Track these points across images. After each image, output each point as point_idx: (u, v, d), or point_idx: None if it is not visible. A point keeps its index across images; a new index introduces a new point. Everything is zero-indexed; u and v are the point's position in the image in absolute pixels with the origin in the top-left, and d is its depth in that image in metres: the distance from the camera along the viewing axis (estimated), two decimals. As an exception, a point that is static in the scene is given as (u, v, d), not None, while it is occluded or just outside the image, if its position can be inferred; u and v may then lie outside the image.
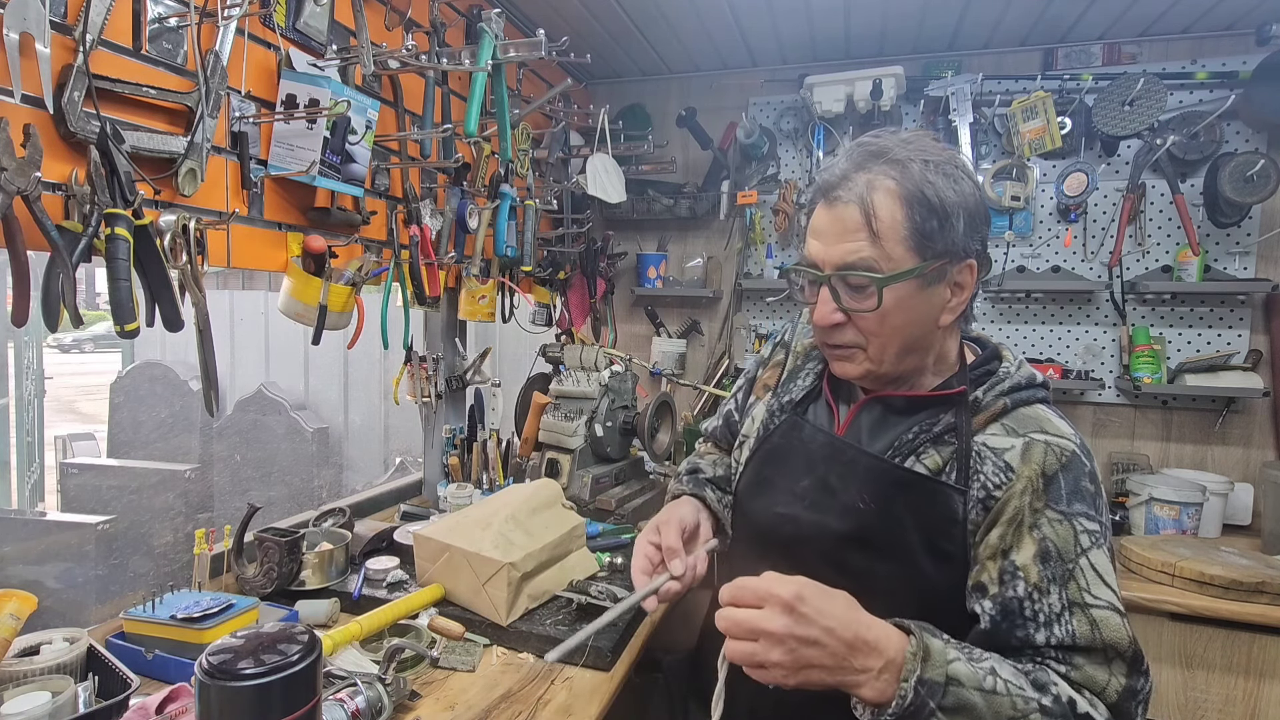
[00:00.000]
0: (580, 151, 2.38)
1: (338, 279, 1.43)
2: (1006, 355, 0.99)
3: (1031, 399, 0.94)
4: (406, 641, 1.11)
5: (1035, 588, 0.83)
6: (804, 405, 1.08)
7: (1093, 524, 0.84)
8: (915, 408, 0.97)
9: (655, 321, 2.77)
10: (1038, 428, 0.90)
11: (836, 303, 0.92)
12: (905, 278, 0.88)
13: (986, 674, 0.77)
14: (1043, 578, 0.83)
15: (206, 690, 0.73)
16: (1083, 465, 0.87)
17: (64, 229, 0.96)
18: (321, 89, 1.32)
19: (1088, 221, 2.32)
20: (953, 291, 0.93)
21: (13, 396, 4.08)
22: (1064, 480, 0.85)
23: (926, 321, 0.93)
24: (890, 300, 0.89)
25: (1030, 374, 0.97)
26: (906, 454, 0.93)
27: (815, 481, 0.99)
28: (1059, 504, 0.84)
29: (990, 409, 0.92)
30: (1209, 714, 1.65)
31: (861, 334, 0.93)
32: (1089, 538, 0.84)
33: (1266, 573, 1.62)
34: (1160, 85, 2.10)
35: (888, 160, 0.89)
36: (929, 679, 0.75)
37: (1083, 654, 0.81)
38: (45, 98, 0.96)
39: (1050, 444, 0.87)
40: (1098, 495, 0.87)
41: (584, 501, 1.91)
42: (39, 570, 2.95)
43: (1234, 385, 2.09)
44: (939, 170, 0.89)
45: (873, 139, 0.93)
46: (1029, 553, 0.84)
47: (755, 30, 2.31)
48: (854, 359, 0.95)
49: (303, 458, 5.29)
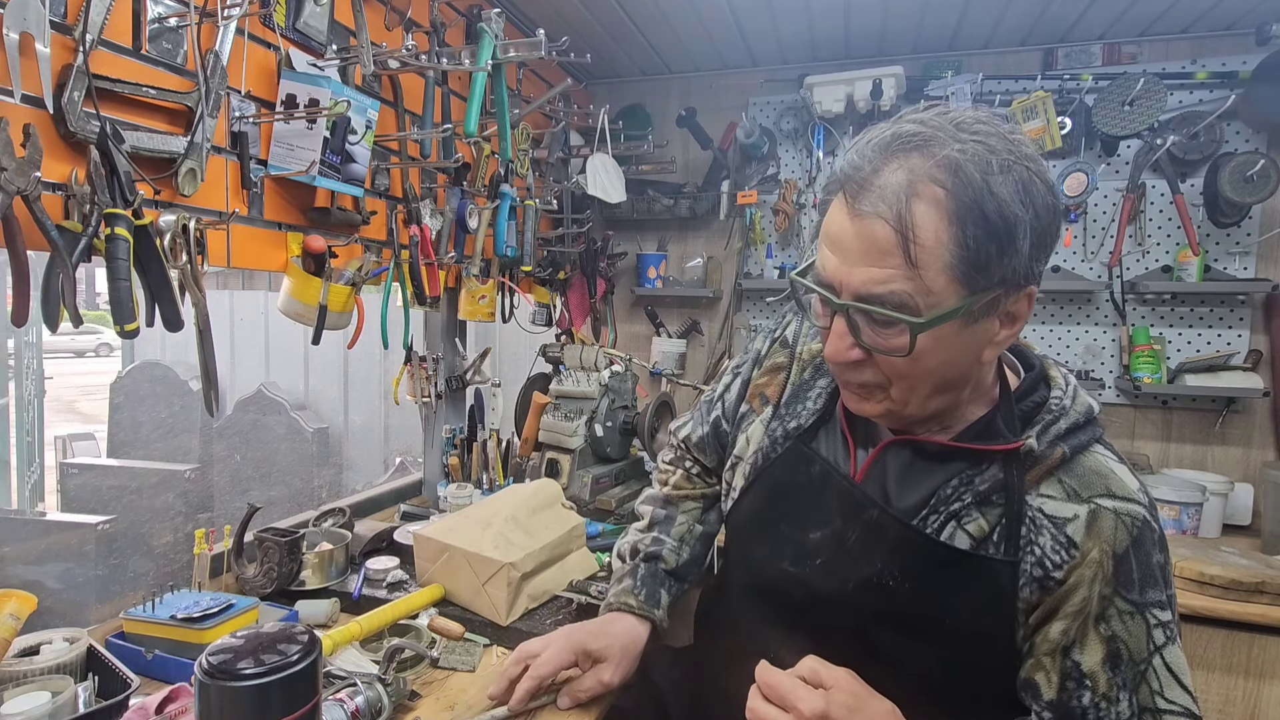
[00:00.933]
0: (580, 151, 2.38)
1: (338, 279, 1.43)
2: (1055, 377, 0.81)
3: (1090, 441, 0.78)
4: (406, 641, 1.11)
5: (1104, 697, 0.72)
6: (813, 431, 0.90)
7: (1165, 613, 0.73)
8: (952, 454, 0.79)
9: (655, 321, 2.77)
10: (1104, 489, 0.74)
11: (855, 337, 0.72)
12: (947, 319, 0.68)
13: None
14: (1112, 685, 0.72)
15: (206, 690, 0.72)
16: (1153, 533, 0.74)
17: (64, 229, 0.96)
18: (321, 89, 1.32)
19: (1088, 221, 2.32)
20: (1003, 323, 0.73)
21: (13, 396, 4.08)
22: (1135, 560, 0.72)
23: (967, 360, 0.74)
24: (925, 344, 0.69)
25: (1087, 406, 0.80)
26: (944, 518, 0.77)
27: (830, 538, 0.84)
28: (1130, 591, 0.72)
29: (1045, 461, 0.75)
30: (1209, 714, 1.65)
31: (884, 374, 0.75)
32: (1163, 632, 0.72)
33: (1266, 573, 1.61)
34: (1160, 85, 2.10)
35: (935, 157, 0.66)
36: None
37: None
38: (45, 98, 0.96)
39: (1119, 513, 0.73)
40: (1166, 566, 0.75)
41: (584, 501, 1.91)
42: (39, 570, 2.95)
43: (1234, 385, 2.09)
44: (1007, 172, 0.66)
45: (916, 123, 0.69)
46: (1096, 656, 0.72)
47: (755, 30, 2.31)
48: (873, 398, 0.78)
49: (303, 458, 5.30)
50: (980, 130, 0.68)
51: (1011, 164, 0.67)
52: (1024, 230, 0.67)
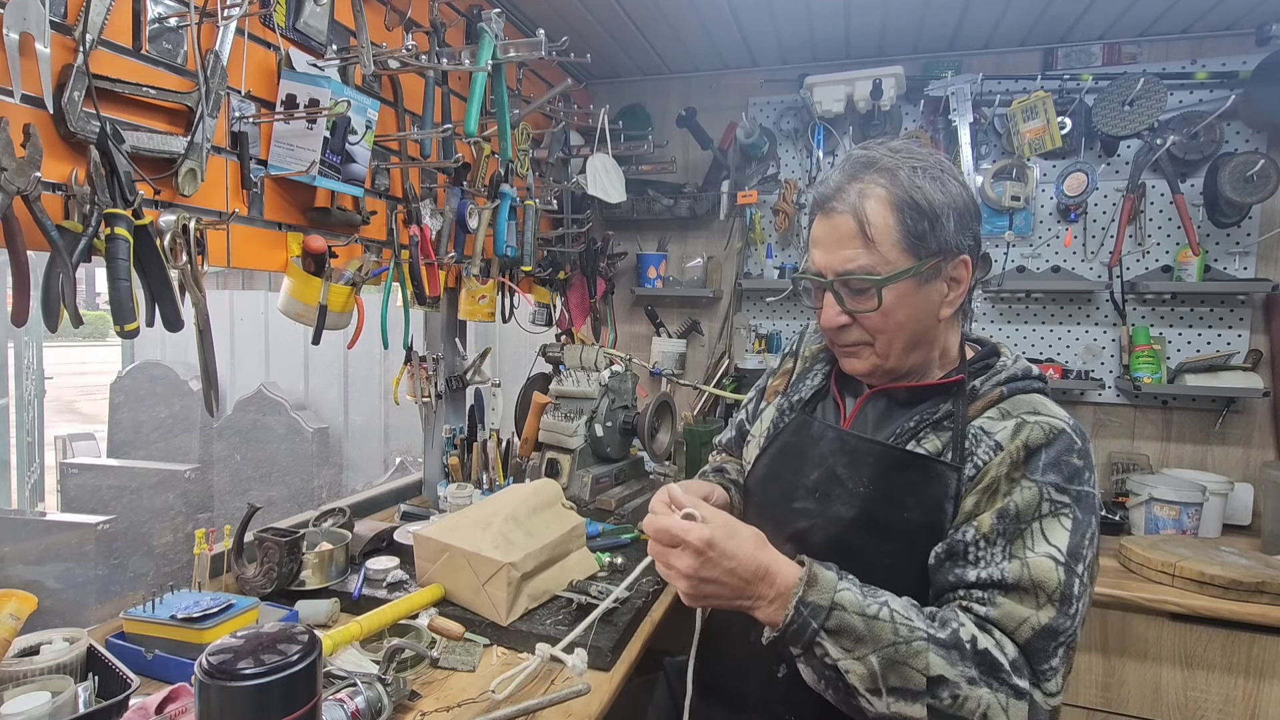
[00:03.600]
0: (580, 151, 2.38)
1: (338, 279, 1.43)
2: (1005, 351, 1.04)
3: (1028, 388, 0.98)
4: (406, 641, 1.11)
5: (984, 536, 0.87)
6: (813, 404, 1.14)
7: (1062, 495, 0.86)
8: (917, 398, 1.02)
9: (655, 321, 2.77)
10: (1030, 409, 0.93)
11: (840, 305, 0.98)
12: (901, 278, 0.94)
13: (874, 603, 0.83)
14: (994, 530, 0.87)
15: (206, 690, 0.73)
16: (1071, 442, 0.89)
17: (64, 229, 0.96)
18: (321, 89, 1.32)
19: (1088, 221, 2.32)
20: (949, 286, 0.98)
21: (13, 396, 4.08)
22: (1045, 453, 0.88)
23: (927, 316, 0.98)
24: (890, 299, 0.95)
25: (1026, 367, 1.01)
26: (908, 439, 0.98)
27: (825, 474, 1.04)
28: (1034, 473, 0.88)
29: (987, 396, 0.97)
30: (1209, 714, 1.65)
31: (867, 332, 0.98)
32: (1050, 505, 0.86)
33: (1266, 573, 1.62)
34: (1160, 85, 2.10)
35: (877, 169, 0.95)
36: (812, 601, 0.83)
37: (1007, 591, 0.84)
38: (45, 98, 0.96)
39: (1040, 423, 0.90)
40: (1084, 471, 0.88)
41: (584, 501, 1.91)
42: (39, 570, 2.95)
43: (1234, 385, 2.09)
44: (926, 174, 0.95)
45: (863, 151, 1.00)
46: (990, 510, 0.88)
47: (755, 30, 2.31)
48: (861, 355, 1.01)
49: (303, 458, 5.29)
50: (905, 150, 0.98)
51: (928, 168, 0.95)
52: (945, 211, 0.94)
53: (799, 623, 0.82)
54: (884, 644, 0.80)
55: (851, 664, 0.81)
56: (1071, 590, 0.82)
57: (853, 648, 0.81)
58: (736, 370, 2.63)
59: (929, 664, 0.79)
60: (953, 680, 0.78)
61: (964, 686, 0.78)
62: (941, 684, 0.79)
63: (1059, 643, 0.81)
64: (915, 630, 0.81)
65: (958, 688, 0.78)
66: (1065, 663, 0.81)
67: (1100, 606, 1.70)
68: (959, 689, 0.78)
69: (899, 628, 0.81)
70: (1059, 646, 0.81)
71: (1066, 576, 0.83)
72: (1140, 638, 1.69)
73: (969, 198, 0.98)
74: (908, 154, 0.97)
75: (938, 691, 0.79)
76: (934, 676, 0.79)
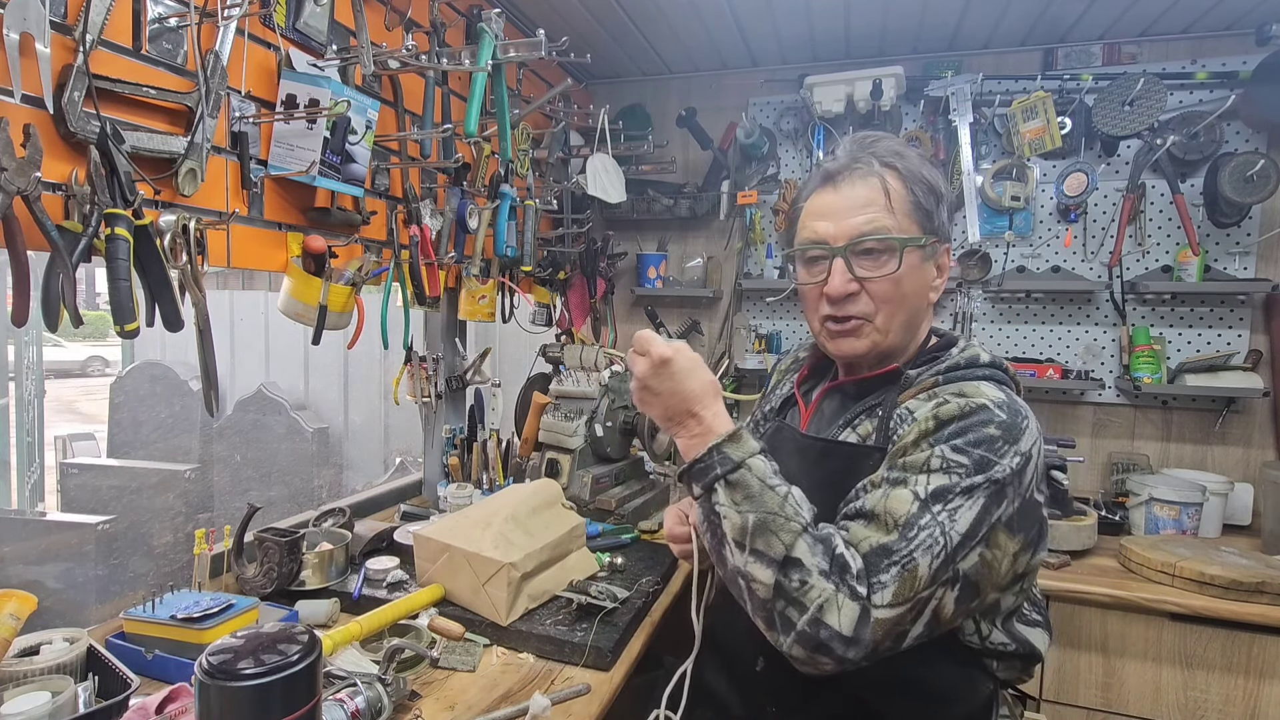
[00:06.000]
0: (580, 151, 2.38)
1: (338, 279, 1.43)
2: (959, 343, 1.05)
3: (967, 377, 0.97)
4: (406, 641, 1.11)
5: (870, 483, 0.91)
6: (783, 411, 1.20)
7: (958, 455, 0.86)
8: (865, 390, 1.06)
9: (655, 321, 2.77)
10: (957, 391, 0.94)
11: (851, 273, 0.99)
12: (917, 243, 0.99)
13: (779, 482, 0.89)
14: (880, 479, 0.90)
15: (206, 690, 0.73)
16: (989, 416, 0.89)
17: (64, 229, 0.96)
18: (321, 89, 1.32)
19: (1088, 221, 2.32)
20: (938, 271, 1.04)
21: (13, 396, 4.08)
22: (955, 424, 0.89)
23: (925, 295, 1.03)
24: (905, 266, 0.98)
25: (973, 355, 1.01)
26: (845, 428, 1.03)
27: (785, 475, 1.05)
28: (937, 442, 0.88)
29: (920, 384, 0.99)
30: (1209, 714, 1.65)
31: (874, 302, 1.00)
32: (940, 461, 0.87)
33: (1266, 573, 1.62)
34: (1160, 85, 2.10)
35: (886, 148, 1.02)
36: (725, 452, 0.89)
37: (863, 519, 0.88)
38: (45, 98, 0.96)
39: (959, 400, 0.91)
40: (997, 441, 0.87)
41: (584, 501, 1.91)
42: (39, 570, 2.95)
43: (1234, 385, 2.09)
44: (924, 163, 1.04)
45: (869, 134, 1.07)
46: (884, 465, 0.92)
47: (755, 30, 2.31)
48: (860, 332, 1.02)
49: (303, 458, 5.29)
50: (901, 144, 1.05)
51: (925, 161, 1.04)
52: (943, 197, 1.02)
53: (705, 464, 0.90)
54: (765, 510, 0.86)
55: (732, 513, 0.88)
56: (917, 521, 0.84)
57: (740, 502, 0.87)
58: (736, 370, 2.63)
59: (794, 545, 0.84)
60: (807, 566, 0.84)
61: (814, 576, 0.83)
62: (796, 565, 0.84)
63: (891, 560, 0.83)
64: (799, 514, 0.87)
65: (809, 574, 0.83)
66: (897, 581, 0.82)
67: (1100, 606, 1.70)
68: (809, 576, 0.83)
69: (786, 505, 0.87)
70: (891, 565, 0.83)
71: (917, 511, 0.85)
72: (1140, 638, 1.69)
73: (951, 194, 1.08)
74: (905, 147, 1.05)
75: (789, 571, 0.84)
76: (793, 557, 0.84)
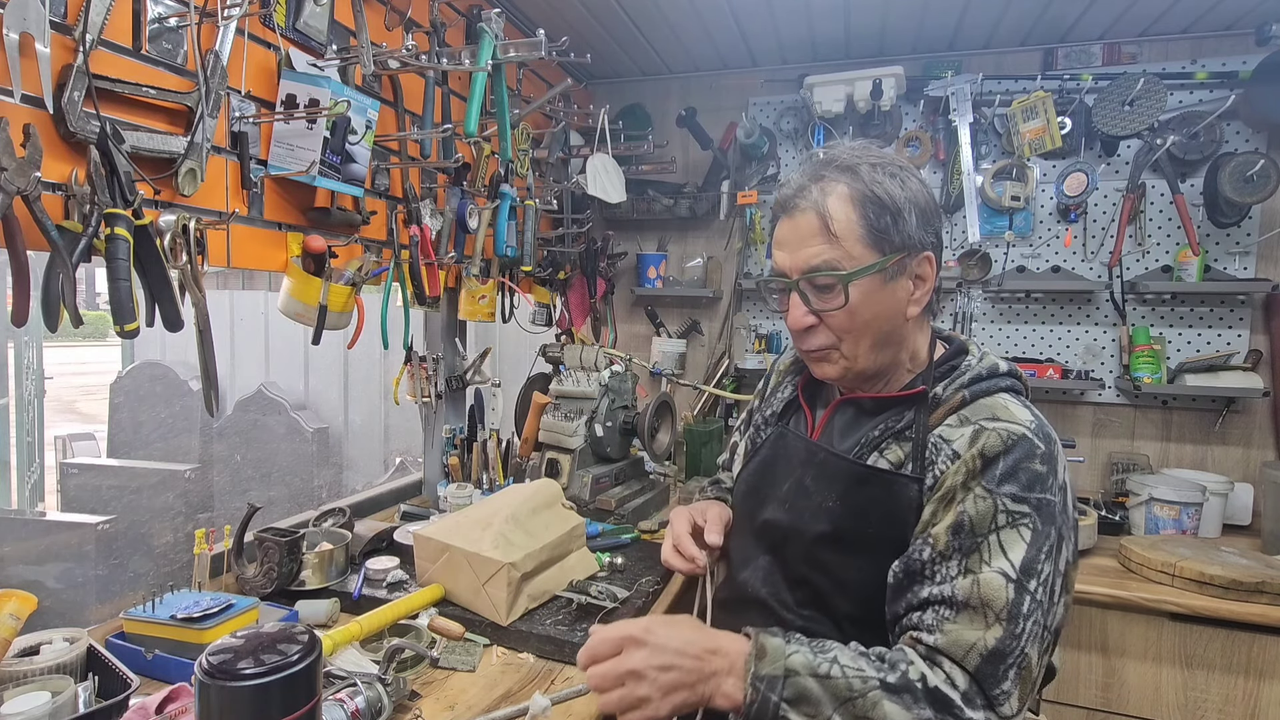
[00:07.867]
0: (580, 151, 2.38)
1: (338, 279, 1.43)
2: (972, 349, 1.02)
3: (992, 389, 0.96)
4: (406, 641, 1.11)
5: (940, 554, 0.86)
6: (786, 417, 1.16)
7: (1020, 505, 0.84)
8: (882, 407, 1.01)
9: (655, 321, 2.77)
10: (990, 415, 0.91)
11: (807, 305, 0.97)
12: (867, 273, 0.93)
13: (824, 661, 0.83)
14: (949, 546, 0.85)
15: (206, 690, 0.73)
16: (1032, 448, 0.87)
17: (64, 229, 0.96)
18: (321, 89, 1.32)
19: (1088, 221, 2.32)
20: (915, 284, 0.97)
21: (13, 396, 4.08)
22: (1003, 462, 0.86)
23: (894, 315, 0.97)
24: (856, 296, 0.94)
25: (992, 365, 0.98)
26: (870, 451, 0.98)
27: (794, 485, 1.05)
28: (989, 482, 0.86)
29: (949, 402, 0.95)
30: (1209, 714, 1.65)
31: (834, 334, 0.97)
32: (1007, 517, 0.84)
33: (1266, 573, 1.62)
34: (1160, 85, 2.10)
35: (837, 167, 0.95)
36: (766, 674, 0.82)
37: (957, 611, 0.83)
38: (45, 98, 0.96)
39: (998, 429, 0.88)
40: (1046, 477, 0.86)
41: (584, 501, 1.91)
42: (39, 570, 2.95)
43: (1234, 385, 2.09)
44: (885, 171, 0.95)
45: (823, 151, 1.01)
46: (945, 524, 0.87)
47: (755, 30, 2.31)
48: (830, 359, 1.00)
49: (303, 458, 5.29)
50: (864, 148, 0.98)
51: (887, 165, 0.95)
52: (907, 206, 0.94)
53: (759, 699, 0.82)
54: (841, 700, 0.80)
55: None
56: (1020, 609, 0.81)
57: (814, 712, 0.81)
58: (736, 370, 2.63)
59: (886, 714, 0.79)
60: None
61: None
62: None
63: (1008, 664, 0.80)
64: (868, 680, 0.81)
65: None
66: (1018, 684, 0.80)
67: (1100, 606, 1.70)
68: None
69: (852, 682, 0.81)
70: (1009, 669, 0.80)
71: (1016, 595, 0.81)
72: (1140, 638, 1.69)
73: (929, 195, 0.98)
74: (867, 152, 0.98)
75: None
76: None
